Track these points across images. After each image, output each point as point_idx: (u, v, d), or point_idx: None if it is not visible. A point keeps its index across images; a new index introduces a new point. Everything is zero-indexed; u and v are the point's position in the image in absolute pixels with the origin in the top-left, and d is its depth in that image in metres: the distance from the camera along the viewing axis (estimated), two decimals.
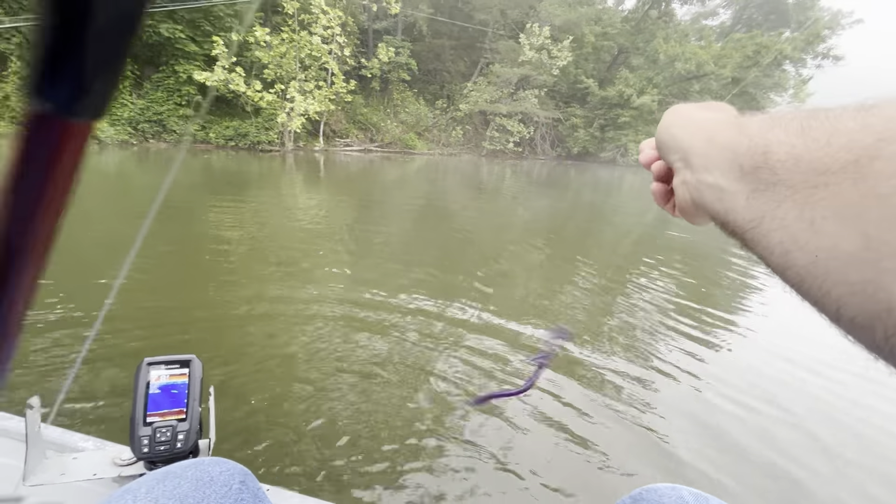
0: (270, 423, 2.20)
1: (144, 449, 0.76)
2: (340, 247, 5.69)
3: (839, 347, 3.54)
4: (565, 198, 14.78)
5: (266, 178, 12.54)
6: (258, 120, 18.43)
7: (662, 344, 3.57)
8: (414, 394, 2.55)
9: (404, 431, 2.25)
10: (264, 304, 3.57)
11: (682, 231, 8.58)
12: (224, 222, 6.42)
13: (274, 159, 16.71)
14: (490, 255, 5.83)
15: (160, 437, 0.77)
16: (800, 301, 0.21)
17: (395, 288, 4.12)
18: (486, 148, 26.96)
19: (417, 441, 2.20)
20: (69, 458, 0.81)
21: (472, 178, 17.25)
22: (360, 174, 15.06)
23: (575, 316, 4.03)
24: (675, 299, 4.68)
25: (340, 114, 23.00)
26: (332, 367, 2.75)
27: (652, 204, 0.41)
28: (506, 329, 3.50)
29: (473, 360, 2.97)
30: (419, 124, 25.71)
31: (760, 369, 3.33)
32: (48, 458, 0.79)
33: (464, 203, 11.11)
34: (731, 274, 6.07)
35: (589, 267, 5.70)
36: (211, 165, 14.18)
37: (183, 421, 0.79)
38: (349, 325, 3.32)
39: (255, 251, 5.16)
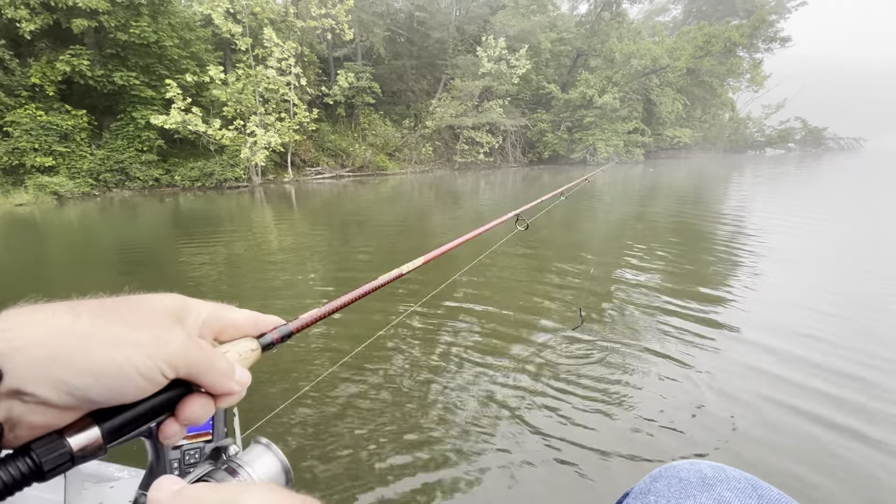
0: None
1: (175, 472, 0.79)
2: (317, 276, 5.62)
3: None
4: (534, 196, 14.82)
5: (236, 214, 12.42)
6: (223, 157, 18.34)
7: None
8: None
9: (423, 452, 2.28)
10: None
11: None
12: (196, 263, 6.35)
13: (242, 195, 16.60)
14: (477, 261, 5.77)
15: (189, 459, 0.81)
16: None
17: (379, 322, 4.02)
18: (458, 161, 27.17)
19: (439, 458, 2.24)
20: (106, 488, 0.86)
21: (447, 192, 17.30)
22: (333, 201, 15.00)
23: (566, 300, 3.97)
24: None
25: (308, 143, 23.04)
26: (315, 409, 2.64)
27: (619, 203, 0.37)
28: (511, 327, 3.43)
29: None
30: (388, 145, 25.85)
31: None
32: (86, 490, 0.84)
33: (441, 217, 11.10)
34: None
35: (574, 263, 5.66)
36: (178, 208, 14.02)
37: (209, 442, 0.82)
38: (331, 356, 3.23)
39: (230, 289, 5.10)
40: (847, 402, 2.65)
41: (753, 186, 16.26)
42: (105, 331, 0.28)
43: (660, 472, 0.60)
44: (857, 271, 5.35)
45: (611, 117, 28.22)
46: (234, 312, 0.38)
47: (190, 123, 16.50)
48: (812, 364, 3.07)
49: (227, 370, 0.34)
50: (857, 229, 7.83)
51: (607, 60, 29.08)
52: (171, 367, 0.30)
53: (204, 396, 0.33)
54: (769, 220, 8.69)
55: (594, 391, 2.78)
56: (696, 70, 30.46)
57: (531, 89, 29.71)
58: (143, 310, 0.32)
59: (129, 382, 0.28)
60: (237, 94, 17.54)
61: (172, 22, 17.47)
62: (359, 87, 23.55)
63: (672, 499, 0.55)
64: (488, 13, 28.84)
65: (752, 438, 2.34)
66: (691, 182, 18.36)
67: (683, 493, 0.55)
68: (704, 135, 36.54)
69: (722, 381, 2.87)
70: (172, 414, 0.32)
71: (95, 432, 0.28)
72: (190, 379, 0.32)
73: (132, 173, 17.01)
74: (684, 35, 29.38)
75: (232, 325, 0.37)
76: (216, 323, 0.36)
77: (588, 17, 33.11)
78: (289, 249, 7.35)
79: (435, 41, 27.91)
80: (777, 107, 40.11)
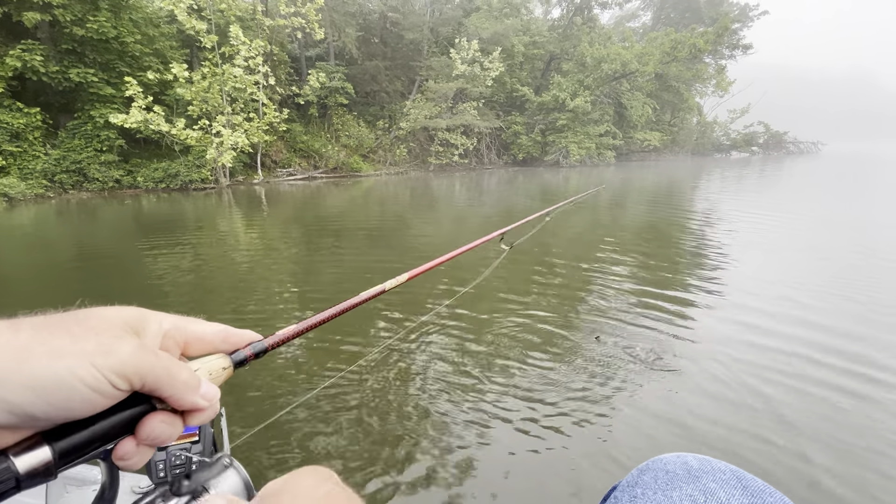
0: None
1: (161, 474, 0.78)
2: (289, 280, 5.45)
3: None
4: (509, 201, 14.92)
5: (203, 217, 12.02)
6: (188, 158, 17.78)
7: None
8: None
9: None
10: None
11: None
12: (160, 269, 6.09)
13: (209, 197, 16.11)
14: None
15: (175, 461, 0.78)
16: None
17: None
18: (433, 163, 27.12)
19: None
20: (88, 491, 0.83)
21: (423, 193, 17.21)
22: (306, 203, 14.70)
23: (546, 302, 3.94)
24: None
25: (279, 144, 22.57)
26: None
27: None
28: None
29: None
30: (362, 146, 25.60)
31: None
32: (69, 493, 0.81)
33: (418, 218, 11.00)
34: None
35: (547, 266, 5.66)
36: (141, 210, 13.50)
37: (196, 443, 0.81)
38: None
39: (197, 294, 4.90)
40: (819, 376, 2.85)
41: (737, 186, 16.80)
42: (46, 343, 0.26)
43: (647, 465, 0.61)
44: (817, 259, 5.59)
45: (583, 120, 28.70)
46: (200, 325, 0.36)
47: (152, 123, 15.92)
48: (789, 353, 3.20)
49: (190, 382, 0.32)
50: (818, 224, 8.19)
51: (579, 64, 29.57)
52: (122, 378, 0.28)
53: (167, 413, 0.31)
54: (745, 219, 8.98)
55: (581, 389, 2.82)
56: (664, 75, 31.32)
57: (505, 92, 29.94)
58: (91, 321, 0.30)
59: (73, 395, 0.26)
60: (203, 93, 17.03)
61: (134, 17, 16.85)
62: (331, 87, 23.24)
63: (659, 491, 0.56)
64: (462, 15, 28.94)
65: (736, 429, 2.43)
66: (670, 183, 18.83)
67: (670, 485, 0.56)
68: (673, 138, 37.57)
69: (705, 378, 2.96)
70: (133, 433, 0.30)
71: (45, 452, 0.25)
72: (149, 391, 0.30)
73: (90, 174, 16.29)
74: (652, 41, 30.14)
75: (199, 339, 0.36)
76: (180, 336, 0.34)
77: (561, 22, 33.62)
78: (259, 255, 7.14)
79: (409, 42, 27.81)
80: (742, 111, 41.59)
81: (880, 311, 4.00)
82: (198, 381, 0.32)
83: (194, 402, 0.32)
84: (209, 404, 0.33)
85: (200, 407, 0.32)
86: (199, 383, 0.32)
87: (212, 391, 0.33)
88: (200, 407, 0.32)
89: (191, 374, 0.32)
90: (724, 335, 3.54)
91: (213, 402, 0.33)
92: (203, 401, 0.32)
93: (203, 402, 0.32)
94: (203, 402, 0.32)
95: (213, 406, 0.34)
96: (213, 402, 0.33)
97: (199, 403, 0.32)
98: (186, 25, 16.48)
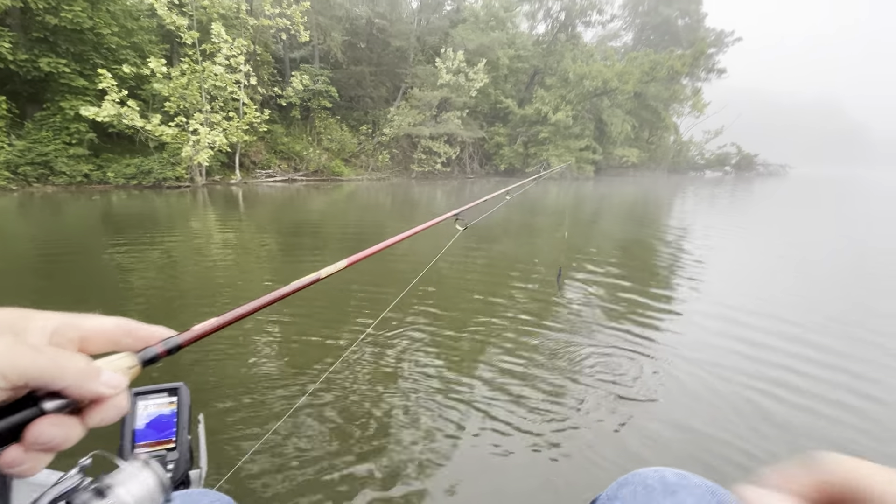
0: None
1: None
2: (261, 282, 5.30)
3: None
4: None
5: (175, 216, 11.68)
6: (162, 155, 17.32)
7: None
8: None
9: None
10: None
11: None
12: (124, 267, 5.85)
13: (183, 196, 15.70)
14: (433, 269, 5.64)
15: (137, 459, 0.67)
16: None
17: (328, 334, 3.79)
18: (415, 170, 27.15)
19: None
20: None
21: (404, 200, 17.16)
22: (284, 205, 14.44)
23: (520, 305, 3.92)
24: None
25: (259, 144, 22.24)
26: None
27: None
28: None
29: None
30: (344, 150, 25.45)
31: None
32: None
33: (399, 223, 10.93)
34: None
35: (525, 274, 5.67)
36: (110, 206, 13.03)
37: (172, 450, 0.77)
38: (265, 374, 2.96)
39: (161, 294, 4.72)
40: (784, 386, 2.91)
41: (714, 204, 17.30)
42: None
43: (626, 479, 0.63)
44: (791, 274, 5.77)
45: (564, 134, 29.26)
46: (98, 319, 0.34)
47: (126, 117, 15.48)
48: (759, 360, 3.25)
49: (85, 370, 0.30)
50: (783, 241, 8.49)
51: (562, 79, 30.20)
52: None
53: (58, 416, 0.29)
54: (717, 237, 9.24)
55: (552, 403, 2.78)
56: (643, 94, 32.24)
57: (489, 103, 30.30)
58: None
59: None
60: (181, 90, 16.66)
61: (112, 9, 16.42)
62: (315, 90, 23.09)
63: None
64: (448, 26, 29.24)
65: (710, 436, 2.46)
66: (653, 201, 19.27)
67: (648, 499, 0.58)
68: (651, 155, 38.62)
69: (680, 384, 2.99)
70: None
71: None
72: (38, 387, 0.28)
73: (57, 168, 15.69)
74: (633, 60, 31.07)
75: (98, 334, 0.34)
76: (73, 332, 0.32)
77: (545, 38, 34.34)
78: (231, 257, 6.93)
79: (395, 49, 27.92)
80: (716, 132, 43.12)
81: (855, 324, 4.16)
82: (96, 368, 0.31)
83: (96, 391, 0.30)
84: (114, 391, 0.31)
85: (104, 394, 0.30)
86: (97, 371, 0.30)
87: (116, 380, 0.31)
88: (104, 394, 0.30)
89: (87, 363, 0.30)
90: (700, 345, 3.61)
91: (119, 390, 0.31)
92: (105, 388, 0.30)
93: (106, 389, 0.30)
94: (106, 389, 0.30)
95: (121, 400, 0.31)
96: (119, 390, 0.31)
97: (101, 391, 0.30)
98: (167, 20, 16.16)
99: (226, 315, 0.44)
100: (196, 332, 0.40)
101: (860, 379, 3.16)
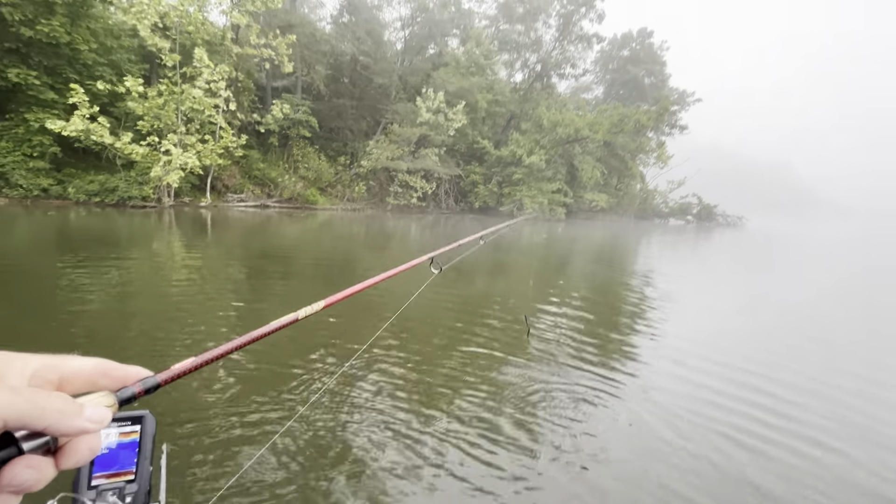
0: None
1: None
2: (220, 310, 5.07)
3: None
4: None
5: (137, 236, 11.22)
6: (130, 174, 16.84)
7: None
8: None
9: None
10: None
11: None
12: (79, 290, 5.51)
13: (148, 216, 15.17)
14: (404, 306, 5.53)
15: (109, 496, 0.71)
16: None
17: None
18: (391, 203, 27.32)
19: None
20: None
21: (378, 232, 17.11)
22: (254, 231, 14.13)
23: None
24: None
25: (234, 168, 21.99)
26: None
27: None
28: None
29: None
30: (321, 179, 25.45)
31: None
32: None
33: (371, 255, 10.81)
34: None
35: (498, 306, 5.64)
36: (67, 223, 12.43)
37: (132, 482, 0.73)
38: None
39: (112, 318, 4.43)
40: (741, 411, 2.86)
41: (682, 252, 18.00)
42: None
43: None
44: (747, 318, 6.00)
45: (537, 176, 30.30)
46: (76, 360, 0.34)
47: (94, 133, 15.07)
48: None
49: (66, 408, 0.29)
50: (737, 289, 8.88)
51: (536, 125, 31.60)
52: None
53: (34, 457, 0.29)
54: (677, 281, 9.57)
55: (526, 434, 2.74)
56: (611, 143, 34.02)
57: (467, 142, 31.23)
58: None
59: None
60: (156, 110, 16.45)
61: (93, 27, 16.30)
62: (295, 119, 23.26)
63: None
64: (430, 68, 30.41)
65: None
66: (617, 243, 19.92)
67: None
68: (619, 201, 40.29)
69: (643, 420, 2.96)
70: None
71: None
72: (16, 427, 0.28)
73: (13, 180, 14.97)
74: (603, 112, 32.95)
75: (76, 375, 0.34)
76: (52, 374, 0.32)
77: (522, 85, 36.15)
78: (192, 281, 6.67)
79: (377, 86, 28.68)
80: (678, 183, 45.57)
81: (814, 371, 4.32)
82: (78, 406, 0.30)
83: (79, 427, 0.30)
84: (98, 426, 0.31)
85: (87, 430, 0.30)
86: (80, 408, 0.30)
87: (100, 414, 0.31)
88: (87, 430, 0.30)
89: (66, 401, 0.30)
90: (658, 387, 3.66)
91: (103, 424, 0.31)
92: (89, 423, 0.30)
93: (90, 425, 0.30)
94: (90, 425, 0.30)
95: (94, 441, 0.31)
96: (103, 424, 0.31)
97: (86, 426, 0.30)
98: (149, 42, 16.15)
99: (204, 355, 0.45)
100: (174, 372, 0.41)
101: (780, 416, 3.27)
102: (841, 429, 3.27)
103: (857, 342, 5.90)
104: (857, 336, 6.25)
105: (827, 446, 3.00)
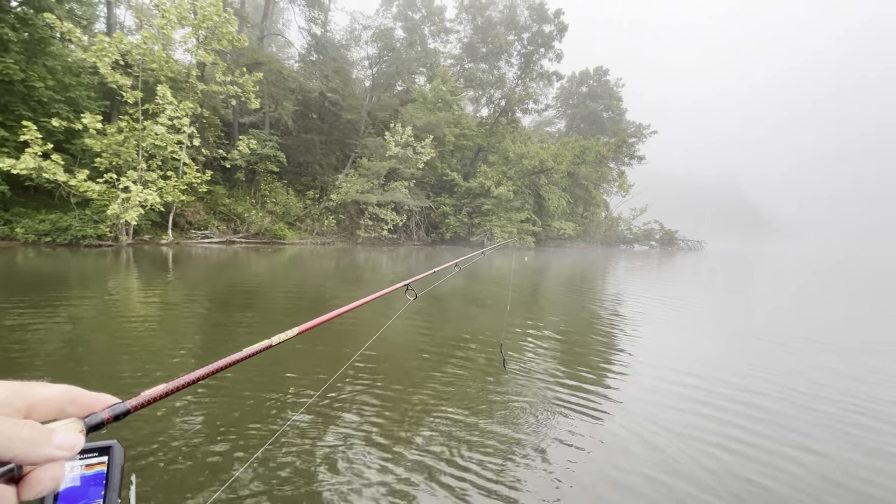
0: None
1: None
2: (178, 349, 4.78)
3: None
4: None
5: (91, 276, 10.64)
6: (85, 212, 16.15)
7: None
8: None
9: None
10: None
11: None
12: (28, 330, 5.16)
13: (104, 255, 14.47)
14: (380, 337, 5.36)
15: None
16: None
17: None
18: (362, 235, 27.19)
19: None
20: None
21: (349, 265, 16.89)
22: (218, 268, 13.66)
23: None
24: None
25: (198, 204, 21.47)
26: None
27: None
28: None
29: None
30: (289, 214, 25.14)
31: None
32: None
33: (341, 289, 10.58)
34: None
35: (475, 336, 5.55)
36: (13, 264, 11.68)
37: None
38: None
39: (61, 359, 4.17)
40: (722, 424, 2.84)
41: (646, 276, 18.51)
42: None
43: None
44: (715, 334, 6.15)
45: (506, 207, 31.00)
46: (44, 388, 0.34)
47: (47, 171, 14.48)
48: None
49: (33, 436, 0.29)
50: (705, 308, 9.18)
51: (503, 157, 32.62)
52: None
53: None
54: (648, 303, 9.80)
55: (491, 459, 2.65)
56: (575, 174, 35.43)
57: (436, 175, 31.79)
58: None
59: None
60: (115, 146, 16.03)
61: (50, 64, 15.96)
62: (262, 154, 23.13)
63: None
64: (398, 104, 31.18)
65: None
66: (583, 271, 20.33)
67: None
68: (585, 229, 41.59)
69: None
70: None
71: None
72: None
73: None
74: (565, 144, 34.44)
75: (44, 402, 0.33)
76: (20, 401, 0.32)
77: (488, 120, 37.47)
78: (149, 321, 6.33)
79: (346, 121, 29.06)
80: (641, 210, 47.59)
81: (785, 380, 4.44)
82: (46, 433, 0.30)
83: (48, 455, 0.29)
84: (68, 452, 0.30)
85: (55, 457, 0.30)
86: (48, 436, 0.30)
87: (70, 439, 0.30)
88: (55, 457, 0.30)
89: (34, 429, 0.29)
90: (637, 402, 3.68)
91: (74, 451, 0.30)
92: (58, 450, 0.29)
93: (59, 452, 0.30)
94: (59, 452, 0.30)
95: (58, 471, 0.30)
96: (74, 451, 0.30)
97: (54, 454, 0.29)
98: (109, 79, 15.91)
99: (175, 381, 0.45)
100: (144, 399, 0.41)
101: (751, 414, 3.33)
102: (820, 433, 3.36)
103: (811, 352, 6.16)
104: (811, 347, 6.54)
105: (811, 449, 3.06)
